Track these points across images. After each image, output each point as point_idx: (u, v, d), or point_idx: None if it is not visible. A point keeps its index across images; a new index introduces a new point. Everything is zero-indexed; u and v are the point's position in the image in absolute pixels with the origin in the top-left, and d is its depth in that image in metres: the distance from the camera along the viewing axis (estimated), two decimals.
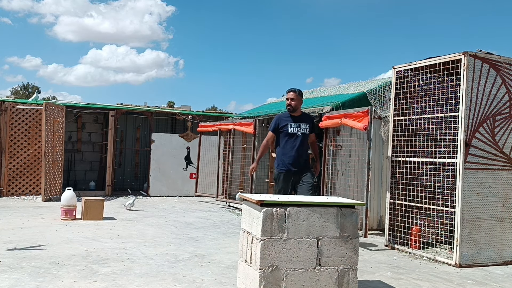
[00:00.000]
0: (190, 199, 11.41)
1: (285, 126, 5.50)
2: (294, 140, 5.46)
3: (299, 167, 5.43)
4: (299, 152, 5.46)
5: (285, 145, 5.48)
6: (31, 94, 32.26)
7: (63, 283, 4.02)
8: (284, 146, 5.49)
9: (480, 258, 5.37)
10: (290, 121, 5.51)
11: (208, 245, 5.97)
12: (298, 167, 5.42)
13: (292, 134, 5.47)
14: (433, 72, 5.84)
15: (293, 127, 5.48)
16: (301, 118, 5.58)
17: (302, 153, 5.49)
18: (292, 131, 5.47)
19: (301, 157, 5.47)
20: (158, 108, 13.86)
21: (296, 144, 5.45)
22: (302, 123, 5.52)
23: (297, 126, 5.50)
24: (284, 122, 5.54)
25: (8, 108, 10.49)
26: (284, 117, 5.60)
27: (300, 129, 5.49)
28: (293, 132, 5.47)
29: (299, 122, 5.53)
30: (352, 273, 3.59)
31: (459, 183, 5.28)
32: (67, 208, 7.42)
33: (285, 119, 5.55)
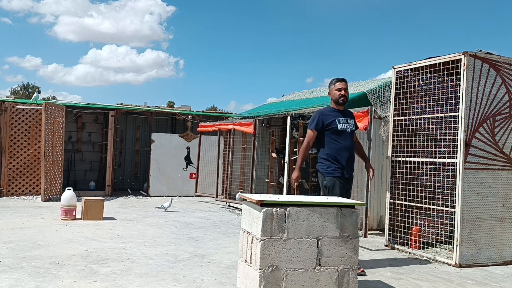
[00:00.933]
0: (190, 199, 11.41)
1: (333, 122, 4.71)
2: (345, 139, 4.73)
3: (351, 172, 4.80)
4: (352, 153, 4.80)
5: (334, 144, 4.70)
6: (31, 94, 32.26)
7: (63, 283, 4.02)
8: (332, 146, 4.70)
9: (480, 258, 5.37)
10: (337, 116, 4.75)
11: (208, 245, 5.97)
12: (351, 172, 4.79)
13: (341, 131, 4.70)
14: (433, 72, 5.84)
15: (342, 123, 4.71)
16: (346, 113, 4.88)
17: (353, 154, 4.84)
18: (342, 127, 4.70)
19: (353, 159, 4.80)
20: (158, 108, 13.86)
21: (348, 143, 4.74)
22: (349, 119, 4.83)
23: (345, 121, 4.75)
24: (330, 117, 4.73)
25: (8, 108, 10.49)
26: (327, 112, 4.82)
27: (349, 125, 4.77)
28: (342, 129, 4.70)
29: (345, 117, 4.80)
30: (352, 273, 3.59)
31: (459, 183, 5.28)
32: (67, 208, 7.42)
33: (330, 114, 4.77)
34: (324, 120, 4.73)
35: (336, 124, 4.69)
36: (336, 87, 4.78)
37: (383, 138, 7.25)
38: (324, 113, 4.79)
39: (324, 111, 4.84)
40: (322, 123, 4.73)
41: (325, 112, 4.81)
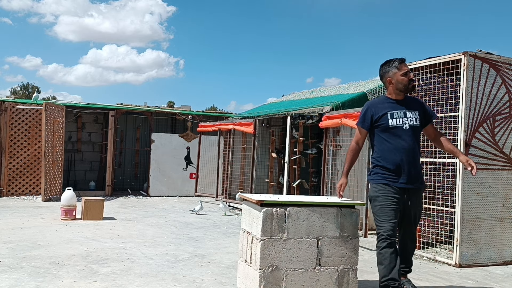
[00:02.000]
0: (190, 199, 11.41)
1: (383, 118, 3.74)
2: (400, 137, 3.71)
3: (416, 182, 3.77)
4: (412, 155, 3.72)
5: (385, 145, 3.74)
6: (31, 94, 32.25)
7: (63, 283, 4.02)
8: (382, 148, 3.76)
9: (480, 258, 5.37)
10: (391, 109, 3.75)
11: (208, 245, 5.97)
12: (416, 182, 3.77)
13: (395, 128, 3.71)
14: (433, 72, 5.84)
15: (395, 118, 3.71)
16: (407, 102, 3.80)
17: (415, 157, 3.76)
18: (395, 123, 3.70)
19: (415, 164, 3.76)
20: (158, 108, 13.86)
21: (405, 142, 3.70)
22: (409, 111, 3.76)
23: (402, 115, 3.73)
24: (380, 110, 3.76)
25: (8, 108, 10.49)
26: (379, 103, 3.84)
27: (408, 119, 3.72)
28: (396, 125, 3.70)
29: (404, 109, 3.75)
30: (352, 273, 3.59)
31: (459, 183, 5.28)
32: (67, 208, 7.42)
33: (382, 106, 3.78)
34: (374, 114, 3.77)
35: (387, 119, 3.70)
36: (401, 71, 3.73)
37: None
38: (375, 105, 3.80)
39: (374, 102, 3.85)
40: (371, 118, 3.78)
41: (375, 103, 3.82)
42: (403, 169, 3.70)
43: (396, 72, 3.76)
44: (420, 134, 3.83)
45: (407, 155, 3.70)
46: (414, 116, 3.77)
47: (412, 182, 3.74)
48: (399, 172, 3.70)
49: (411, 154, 3.73)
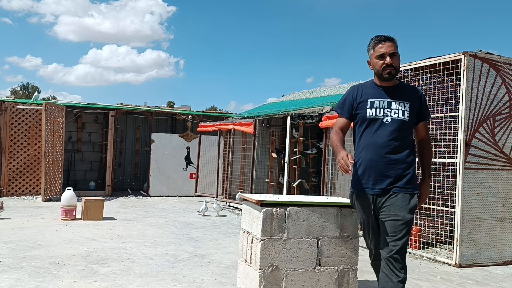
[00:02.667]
0: (190, 199, 11.41)
1: (362, 105, 3.06)
2: (379, 131, 2.99)
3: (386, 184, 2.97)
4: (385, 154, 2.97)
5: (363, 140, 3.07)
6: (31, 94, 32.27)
7: (63, 283, 4.02)
8: (359, 143, 3.10)
9: (480, 258, 5.37)
10: (374, 96, 3.05)
11: (208, 245, 5.97)
12: (385, 185, 2.97)
13: (373, 120, 3.01)
14: (433, 72, 5.84)
15: (376, 107, 3.01)
16: (398, 91, 3.06)
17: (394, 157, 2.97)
18: (374, 114, 3.00)
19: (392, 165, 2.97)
20: (158, 108, 13.86)
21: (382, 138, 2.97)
22: (396, 101, 3.01)
23: (385, 105, 3.01)
24: (363, 96, 3.09)
25: (8, 108, 10.50)
26: (364, 87, 3.14)
27: (391, 111, 2.99)
28: (374, 116, 3.00)
29: (391, 97, 3.02)
30: (352, 273, 3.59)
31: (459, 183, 5.28)
32: (67, 208, 7.42)
33: (366, 92, 3.10)
34: (355, 99, 3.10)
35: (365, 108, 3.02)
36: (376, 53, 3.01)
37: None
38: (359, 88, 3.14)
39: (360, 86, 3.17)
40: (351, 104, 3.12)
41: (361, 87, 3.15)
42: (373, 171, 2.96)
43: (372, 53, 3.06)
44: (409, 132, 3.05)
45: (378, 154, 2.95)
46: (402, 108, 2.99)
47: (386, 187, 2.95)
48: (369, 175, 2.98)
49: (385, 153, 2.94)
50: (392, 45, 3.02)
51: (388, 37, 3.03)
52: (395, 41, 3.05)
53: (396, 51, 3.02)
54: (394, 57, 3.00)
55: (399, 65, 3.08)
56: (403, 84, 3.21)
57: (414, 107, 3.05)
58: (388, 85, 3.07)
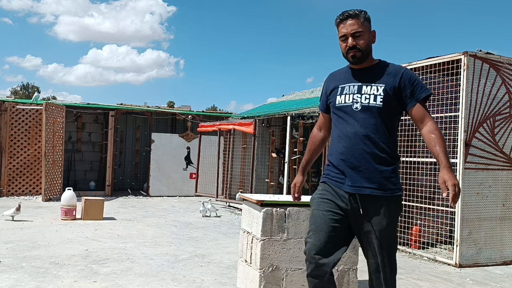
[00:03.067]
0: (190, 199, 11.41)
1: (333, 92, 2.68)
2: (347, 121, 2.58)
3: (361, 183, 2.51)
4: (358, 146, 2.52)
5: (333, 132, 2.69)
6: (31, 94, 32.27)
7: (63, 283, 4.02)
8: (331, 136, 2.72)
9: (480, 258, 5.37)
10: (343, 81, 2.66)
11: (208, 245, 5.97)
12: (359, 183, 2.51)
13: (341, 108, 2.60)
14: (433, 72, 5.84)
15: (344, 93, 2.61)
16: (374, 72, 2.60)
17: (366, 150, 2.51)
18: (342, 100, 2.60)
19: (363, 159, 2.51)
20: (158, 108, 13.86)
21: (350, 128, 2.55)
22: (368, 84, 2.57)
23: (354, 90, 2.58)
24: (335, 83, 2.70)
25: (8, 108, 10.49)
26: (338, 73, 2.75)
27: (361, 97, 2.55)
28: (341, 104, 2.60)
29: (363, 81, 2.59)
30: (352, 273, 3.59)
31: (459, 183, 5.27)
32: (67, 208, 7.42)
33: (339, 77, 2.71)
34: (328, 89, 2.74)
35: (335, 96, 2.64)
36: (339, 35, 2.61)
37: None
38: (333, 76, 2.76)
39: (335, 72, 2.78)
40: (325, 95, 2.77)
41: (335, 74, 2.77)
42: (346, 165, 2.53)
43: (338, 34, 2.64)
44: (386, 118, 2.53)
45: (351, 146, 2.52)
46: (373, 92, 2.52)
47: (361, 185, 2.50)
48: (343, 169, 2.55)
49: (359, 145, 2.51)
50: (354, 23, 2.55)
51: (350, 14, 2.57)
52: (359, 17, 2.55)
53: (360, 30, 2.54)
54: (358, 37, 2.54)
55: (368, 44, 2.57)
56: (382, 64, 2.63)
57: (392, 89, 2.51)
58: (362, 67, 2.62)
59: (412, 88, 2.54)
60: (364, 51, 2.56)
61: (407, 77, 2.55)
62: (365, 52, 2.57)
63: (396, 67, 2.61)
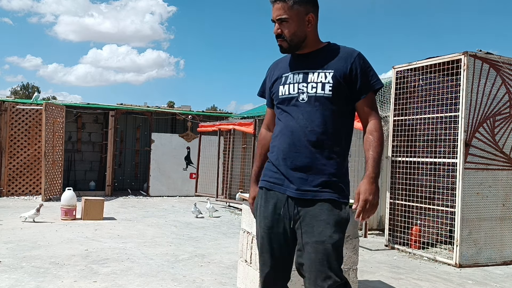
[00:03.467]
0: (190, 199, 11.41)
1: (276, 83, 2.32)
2: (291, 114, 2.22)
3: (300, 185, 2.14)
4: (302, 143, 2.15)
5: (276, 128, 2.30)
6: (31, 94, 32.27)
7: (63, 283, 4.02)
8: (274, 132, 2.31)
9: (480, 258, 5.37)
10: (288, 68, 2.29)
11: (208, 245, 5.97)
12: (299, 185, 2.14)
13: (285, 100, 2.25)
14: (433, 72, 5.84)
15: (288, 83, 2.25)
16: (321, 56, 2.23)
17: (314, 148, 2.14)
18: (286, 91, 2.25)
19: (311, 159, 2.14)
20: (158, 108, 13.86)
21: (294, 122, 2.19)
22: (314, 71, 2.19)
23: (299, 78, 2.22)
24: (279, 70, 2.34)
25: (8, 108, 10.49)
26: (281, 61, 2.39)
27: (308, 86, 2.18)
28: (286, 95, 2.24)
29: (309, 67, 2.22)
30: (352, 273, 3.59)
31: (459, 183, 5.28)
32: (67, 208, 7.42)
33: (282, 65, 2.34)
34: (271, 78, 2.37)
35: (278, 86, 2.28)
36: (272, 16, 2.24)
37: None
38: (278, 62, 2.40)
39: (279, 61, 2.41)
40: (269, 87, 2.39)
41: (278, 62, 2.40)
42: (287, 165, 2.16)
43: None
44: (337, 110, 2.16)
45: (294, 143, 2.15)
46: (321, 80, 2.14)
47: (303, 188, 2.12)
48: (283, 170, 2.18)
49: (303, 142, 2.13)
50: (280, 7, 2.18)
51: None
52: (286, 1, 2.16)
53: (285, 16, 2.17)
54: (283, 24, 2.18)
55: (297, 32, 2.18)
56: (331, 47, 2.26)
57: (342, 76, 2.14)
58: (307, 51, 2.25)
59: (365, 77, 2.17)
60: (290, 41, 2.20)
61: (360, 63, 2.18)
62: (292, 42, 2.20)
63: (347, 50, 2.23)
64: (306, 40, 2.22)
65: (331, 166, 2.13)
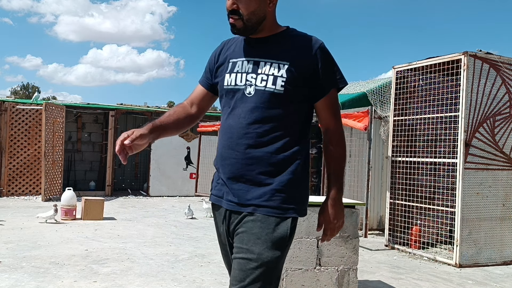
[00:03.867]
0: (190, 199, 11.40)
1: (221, 68, 1.95)
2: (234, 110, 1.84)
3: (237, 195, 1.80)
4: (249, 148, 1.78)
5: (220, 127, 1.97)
6: (31, 94, 32.29)
7: (63, 283, 4.02)
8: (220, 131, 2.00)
9: (480, 258, 5.37)
10: (238, 53, 1.91)
11: (208, 245, 5.96)
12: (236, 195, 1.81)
13: (231, 92, 1.86)
14: (433, 72, 5.84)
15: (236, 71, 1.86)
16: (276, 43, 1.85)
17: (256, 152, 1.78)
18: (231, 81, 1.86)
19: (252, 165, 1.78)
20: (158, 108, 13.86)
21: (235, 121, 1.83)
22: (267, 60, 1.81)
23: (249, 68, 1.83)
24: (227, 53, 1.97)
25: (8, 108, 10.49)
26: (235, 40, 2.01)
27: (257, 77, 1.80)
28: (233, 86, 1.85)
29: (261, 55, 1.83)
30: (352, 273, 3.60)
31: (459, 183, 5.28)
32: (67, 208, 7.42)
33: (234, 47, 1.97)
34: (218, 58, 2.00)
35: (224, 74, 1.91)
36: None
37: (383, 138, 7.25)
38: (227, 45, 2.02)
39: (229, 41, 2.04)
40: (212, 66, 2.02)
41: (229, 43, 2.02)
42: (226, 173, 1.83)
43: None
44: (290, 110, 1.79)
45: (233, 147, 1.80)
46: (273, 72, 1.77)
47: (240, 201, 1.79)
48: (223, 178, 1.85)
49: (244, 145, 1.78)
50: None
51: None
52: None
53: None
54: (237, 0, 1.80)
55: (256, 11, 1.80)
56: (291, 33, 1.88)
57: (300, 70, 1.76)
58: (261, 36, 1.86)
59: (327, 73, 1.80)
60: (247, 21, 1.80)
61: (324, 56, 1.80)
62: (249, 22, 1.80)
63: (308, 38, 1.83)
64: (264, 22, 1.83)
65: (275, 176, 1.76)
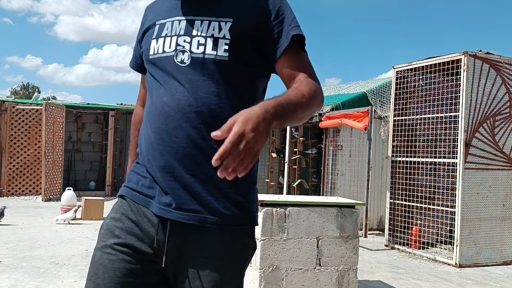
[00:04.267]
0: None
1: (149, 33, 1.42)
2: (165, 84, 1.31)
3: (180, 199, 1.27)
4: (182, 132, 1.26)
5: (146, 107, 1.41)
6: (31, 94, 32.28)
7: (63, 283, 4.02)
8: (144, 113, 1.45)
9: (480, 258, 5.37)
10: (166, 13, 1.38)
11: None
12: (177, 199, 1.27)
13: (159, 62, 1.34)
14: (433, 72, 5.84)
15: (165, 35, 1.35)
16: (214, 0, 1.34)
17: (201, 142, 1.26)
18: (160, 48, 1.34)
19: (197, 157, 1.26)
20: None
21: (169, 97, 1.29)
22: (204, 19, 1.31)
23: (180, 29, 1.33)
24: (154, 14, 1.44)
25: (8, 108, 10.50)
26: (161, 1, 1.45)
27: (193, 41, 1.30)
28: (161, 54, 1.34)
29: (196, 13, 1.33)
30: (352, 273, 3.60)
31: (459, 183, 5.28)
32: (67, 208, 7.42)
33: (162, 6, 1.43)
34: (142, 28, 1.51)
35: (150, 39, 1.40)
36: None
37: (383, 138, 7.26)
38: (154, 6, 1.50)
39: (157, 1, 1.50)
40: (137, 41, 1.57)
41: (156, 4, 1.50)
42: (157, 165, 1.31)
43: None
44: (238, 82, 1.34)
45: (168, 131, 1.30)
46: (213, 33, 1.32)
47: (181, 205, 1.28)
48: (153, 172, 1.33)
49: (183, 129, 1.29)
50: None
51: None
52: None
53: None
54: None
55: None
56: None
57: (247, 28, 1.32)
58: None
59: (283, 24, 1.35)
60: None
61: (276, 4, 1.35)
62: None
63: None
64: None
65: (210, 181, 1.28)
